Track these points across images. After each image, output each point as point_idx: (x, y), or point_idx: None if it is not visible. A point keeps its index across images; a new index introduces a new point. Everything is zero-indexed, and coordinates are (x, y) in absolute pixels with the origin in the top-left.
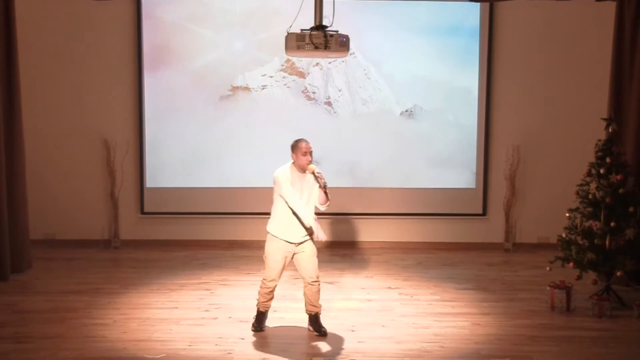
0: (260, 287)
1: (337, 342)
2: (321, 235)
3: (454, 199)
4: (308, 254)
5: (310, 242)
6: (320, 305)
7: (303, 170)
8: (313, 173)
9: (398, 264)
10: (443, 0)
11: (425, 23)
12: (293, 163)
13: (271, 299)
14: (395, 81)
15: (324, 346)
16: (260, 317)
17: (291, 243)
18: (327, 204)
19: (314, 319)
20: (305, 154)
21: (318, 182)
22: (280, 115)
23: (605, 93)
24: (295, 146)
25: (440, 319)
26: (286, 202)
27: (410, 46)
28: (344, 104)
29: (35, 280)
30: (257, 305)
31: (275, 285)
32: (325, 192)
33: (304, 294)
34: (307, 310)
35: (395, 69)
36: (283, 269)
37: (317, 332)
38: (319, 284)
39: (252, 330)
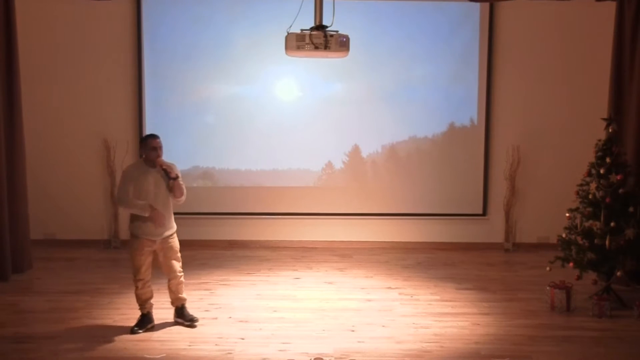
0: (136, 292)
1: (337, 342)
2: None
3: (454, 199)
4: (173, 251)
5: (173, 238)
6: (185, 296)
7: (154, 165)
8: (161, 167)
9: (398, 264)
10: (443, 0)
11: (426, 23)
12: (142, 158)
13: (150, 296)
14: (395, 81)
15: (324, 346)
16: (146, 319)
17: (153, 240)
18: (183, 198)
19: (182, 310)
20: (154, 148)
21: (169, 175)
22: (281, 116)
23: (605, 93)
24: (144, 142)
25: (440, 319)
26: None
27: (411, 46)
28: (342, 104)
29: (36, 280)
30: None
31: (147, 284)
32: (179, 185)
33: (170, 288)
34: (174, 303)
35: (394, 69)
36: (150, 266)
37: (189, 321)
38: (182, 276)
39: (136, 332)
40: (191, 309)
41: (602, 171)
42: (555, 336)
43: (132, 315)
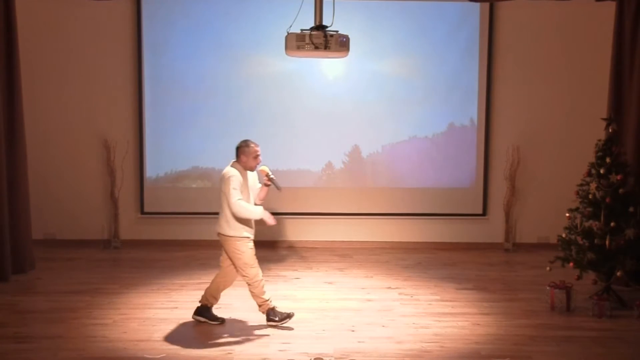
0: (257, 287)
1: (337, 342)
2: (271, 220)
3: (454, 199)
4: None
5: None
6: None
7: (252, 170)
8: (267, 176)
9: (398, 264)
10: (443, 0)
11: (426, 23)
12: (237, 162)
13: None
14: (394, 81)
15: (324, 346)
16: (277, 309)
17: (252, 239)
18: (264, 200)
19: (208, 309)
20: (256, 157)
21: (275, 184)
22: (280, 116)
23: (605, 93)
24: (246, 149)
25: (440, 319)
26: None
27: (411, 46)
28: (342, 104)
29: (36, 280)
30: (268, 303)
31: None
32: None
33: (217, 285)
34: (205, 301)
35: (394, 69)
36: None
37: (213, 320)
38: None
39: (282, 323)
40: (191, 309)
41: (602, 171)
42: (555, 336)
43: (132, 315)
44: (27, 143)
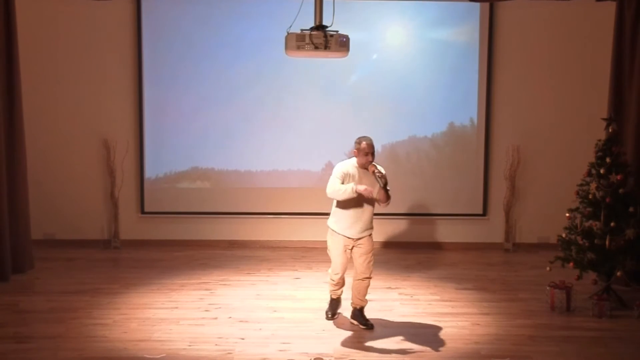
0: (331, 282)
1: (337, 342)
2: (363, 190)
3: (454, 199)
4: (363, 251)
5: (367, 238)
6: (366, 300)
7: (364, 167)
8: (373, 173)
9: (398, 264)
10: (443, 0)
11: (425, 23)
12: (354, 158)
13: (341, 287)
14: (394, 80)
15: (324, 346)
16: (333, 303)
17: (350, 238)
18: (388, 202)
19: (359, 313)
20: (367, 154)
21: (378, 182)
22: (281, 116)
23: (605, 93)
24: (357, 145)
25: (440, 319)
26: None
27: (410, 46)
28: (342, 104)
29: (36, 280)
30: (331, 294)
31: (341, 278)
32: (386, 192)
33: (352, 287)
34: (352, 304)
35: (394, 69)
36: (347, 261)
37: (363, 325)
38: (369, 280)
39: (327, 319)
40: (191, 309)
41: (602, 171)
42: (555, 336)
43: (132, 315)
44: (27, 143)
